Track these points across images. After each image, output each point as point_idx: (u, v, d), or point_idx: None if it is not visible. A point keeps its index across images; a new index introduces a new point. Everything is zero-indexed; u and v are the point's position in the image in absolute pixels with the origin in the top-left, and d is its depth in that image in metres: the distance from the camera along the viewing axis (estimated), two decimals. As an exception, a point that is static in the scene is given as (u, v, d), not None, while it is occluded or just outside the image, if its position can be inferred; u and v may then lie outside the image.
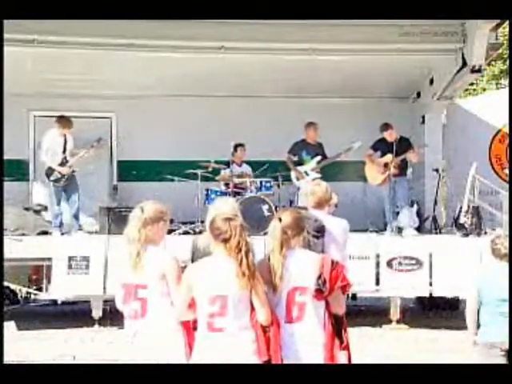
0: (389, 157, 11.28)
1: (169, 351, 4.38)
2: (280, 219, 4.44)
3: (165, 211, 4.64)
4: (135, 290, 4.46)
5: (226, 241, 4.22)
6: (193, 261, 4.91)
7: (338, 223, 5.50)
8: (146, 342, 4.42)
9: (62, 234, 10.97)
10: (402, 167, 11.46)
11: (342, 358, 4.46)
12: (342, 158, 11.84)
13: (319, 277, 4.34)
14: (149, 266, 4.43)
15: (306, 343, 4.34)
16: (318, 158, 11.82)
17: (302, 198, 10.21)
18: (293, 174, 11.89)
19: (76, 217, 11.06)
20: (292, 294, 4.33)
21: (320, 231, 5.09)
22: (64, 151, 11.03)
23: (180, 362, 4.32)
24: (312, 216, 5.18)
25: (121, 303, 4.55)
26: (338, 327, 4.52)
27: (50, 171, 11.00)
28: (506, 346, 5.21)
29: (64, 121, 11.06)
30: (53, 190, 11.04)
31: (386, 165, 11.34)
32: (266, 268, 4.33)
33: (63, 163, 10.98)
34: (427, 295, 10.83)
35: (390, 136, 11.42)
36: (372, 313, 11.28)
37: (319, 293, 4.35)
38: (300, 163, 11.87)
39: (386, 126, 11.50)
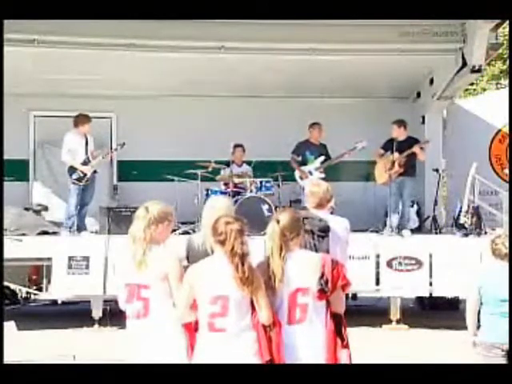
0: (397, 155, 11.19)
1: (171, 351, 4.38)
2: (278, 221, 4.41)
3: (169, 211, 4.64)
4: (138, 290, 4.46)
5: (221, 243, 4.22)
6: (188, 259, 4.91)
7: (339, 222, 5.50)
8: (148, 341, 4.42)
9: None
10: (409, 166, 11.33)
11: (343, 356, 4.47)
12: (346, 158, 11.84)
13: (321, 277, 4.33)
14: (152, 266, 4.43)
15: (309, 344, 4.33)
16: (322, 158, 11.81)
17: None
18: (297, 174, 11.88)
19: (84, 217, 11.07)
20: (294, 296, 4.31)
21: (325, 231, 5.09)
22: (86, 152, 11.04)
23: (182, 362, 4.32)
24: (316, 216, 5.17)
25: (124, 303, 4.56)
26: (338, 326, 4.52)
27: (71, 170, 10.97)
28: (507, 347, 5.20)
29: (83, 118, 11.06)
30: (72, 190, 10.94)
31: (393, 163, 11.23)
32: (265, 271, 4.31)
33: (86, 163, 10.99)
34: (427, 295, 10.83)
35: (400, 133, 11.33)
36: (372, 313, 11.27)
37: (322, 293, 4.34)
38: (304, 163, 11.87)
39: (398, 123, 11.37)
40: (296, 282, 4.30)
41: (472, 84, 19.56)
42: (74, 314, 11.30)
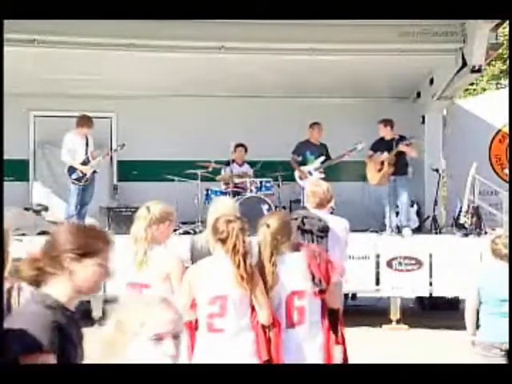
0: (385, 155, 11.20)
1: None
2: (268, 225, 4.39)
3: (171, 211, 4.65)
4: (140, 290, 4.46)
5: (222, 241, 4.21)
6: (192, 260, 4.92)
7: (339, 222, 5.51)
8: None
9: None
10: (401, 165, 11.30)
11: (337, 353, 4.45)
12: (345, 159, 11.83)
13: (313, 277, 4.32)
14: (154, 266, 4.43)
15: (310, 345, 4.32)
16: (322, 158, 11.81)
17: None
18: (296, 174, 11.88)
19: (84, 217, 11.08)
20: (291, 299, 4.31)
21: (324, 230, 5.10)
22: (86, 152, 11.06)
23: (182, 362, 4.32)
24: (316, 215, 5.18)
25: (125, 303, 4.55)
26: (334, 322, 4.52)
27: (71, 170, 11.00)
28: (506, 346, 5.20)
29: (85, 120, 11.07)
30: (72, 190, 10.98)
31: (383, 163, 11.24)
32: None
33: (85, 163, 11.01)
34: (427, 295, 10.83)
35: (387, 132, 11.32)
36: (372, 313, 11.26)
37: (320, 292, 4.33)
38: (304, 163, 11.86)
39: (384, 122, 11.39)
40: (291, 286, 4.30)
41: (472, 84, 19.56)
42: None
